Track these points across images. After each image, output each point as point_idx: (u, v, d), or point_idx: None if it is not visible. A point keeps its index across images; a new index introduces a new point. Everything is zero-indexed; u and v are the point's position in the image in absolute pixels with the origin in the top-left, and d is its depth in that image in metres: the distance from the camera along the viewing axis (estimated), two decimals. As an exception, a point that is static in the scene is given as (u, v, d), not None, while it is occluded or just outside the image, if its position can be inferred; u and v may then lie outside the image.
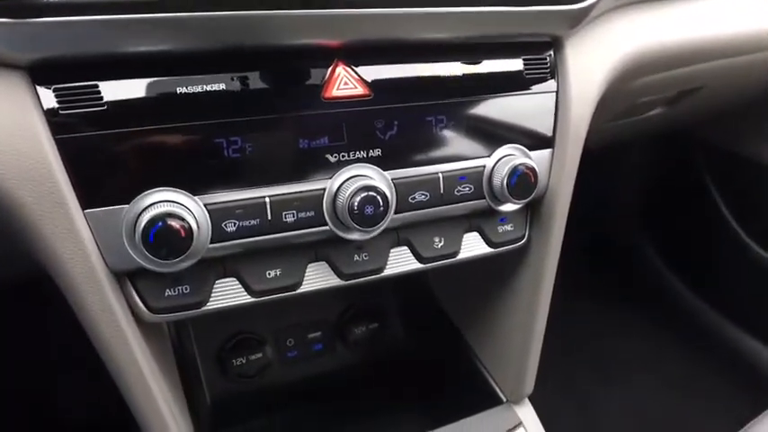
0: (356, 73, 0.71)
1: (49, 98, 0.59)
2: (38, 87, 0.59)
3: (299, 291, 0.75)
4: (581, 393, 1.82)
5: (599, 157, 0.89)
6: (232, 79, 0.65)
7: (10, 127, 0.58)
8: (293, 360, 1.13)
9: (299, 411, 1.10)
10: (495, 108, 0.81)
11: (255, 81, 0.67)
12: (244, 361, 1.07)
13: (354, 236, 0.73)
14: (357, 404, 1.11)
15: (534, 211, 0.90)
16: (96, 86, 0.61)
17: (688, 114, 1.53)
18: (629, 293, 2.16)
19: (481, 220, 0.85)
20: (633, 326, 2.06)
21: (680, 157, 2.00)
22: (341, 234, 0.72)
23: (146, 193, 0.63)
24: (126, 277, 0.68)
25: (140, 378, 0.69)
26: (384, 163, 0.73)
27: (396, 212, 0.74)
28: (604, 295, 2.14)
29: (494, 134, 0.81)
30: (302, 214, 0.70)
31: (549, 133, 0.85)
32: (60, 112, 0.60)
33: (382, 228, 0.72)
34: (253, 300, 0.73)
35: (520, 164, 0.78)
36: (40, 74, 0.59)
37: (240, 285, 0.73)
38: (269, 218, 0.68)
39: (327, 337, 1.15)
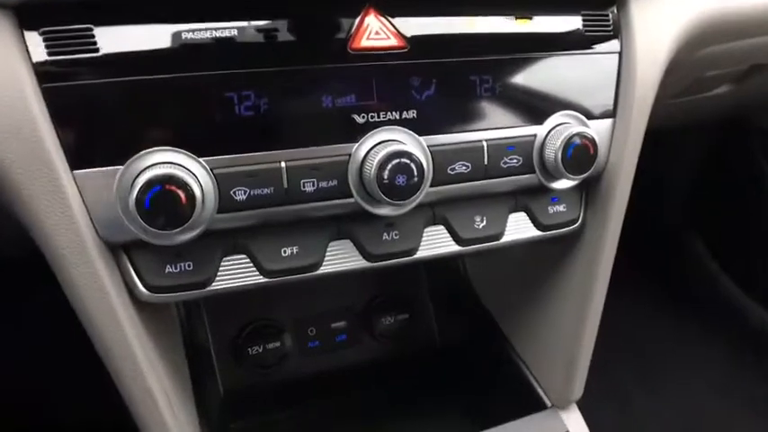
0: (390, 22, 0.62)
1: (36, 43, 0.53)
2: (25, 31, 0.53)
3: (318, 272, 0.66)
4: (624, 397, 1.70)
5: (647, 139, 0.78)
6: (246, 25, 0.57)
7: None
8: (314, 351, 1.04)
9: (319, 407, 1.01)
10: (549, 69, 0.70)
11: (272, 27, 0.58)
12: (260, 350, 0.98)
13: (384, 210, 0.63)
14: (383, 402, 1.02)
15: (591, 190, 0.79)
16: (90, 30, 0.54)
17: (755, 95, 1.39)
18: (675, 291, 2.03)
19: (530, 198, 0.74)
20: (679, 326, 1.93)
21: (734, 144, 1.85)
22: (368, 208, 0.63)
23: (144, 152, 0.56)
24: (122, 250, 0.60)
25: (134, 365, 0.61)
26: (420, 127, 0.64)
27: (432, 185, 0.65)
28: (649, 292, 2.01)
29: (547, 99, 0.70)
30: (323, 183, 0.61)
31: (611, 100, 0.75)
32: (49, 58, 0.53)
33: (416, 202, 0.63)
34: (265, 280, 0.64)
35: (576, 133, 0.68)
36: (27, 15, 0.53)
37: (251, 263, 0.64)
38: (285, 186, 0.60)
39: (352, 327, 1.06)
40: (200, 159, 0.57)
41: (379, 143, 0.61)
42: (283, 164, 0.59)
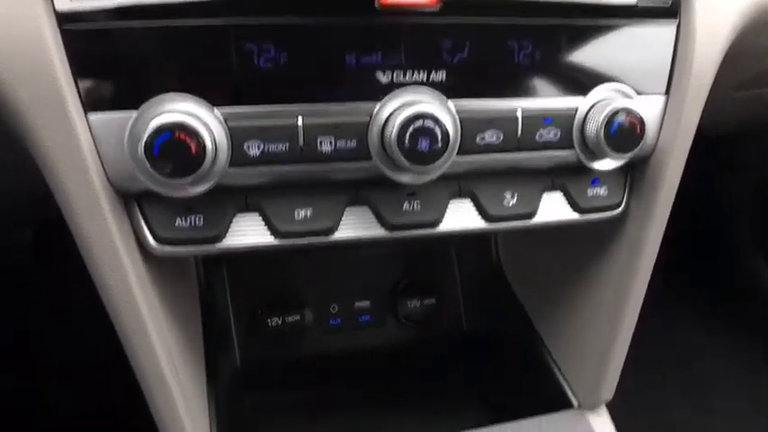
0: None
1: None
2: None
3: (332, 237, 0.63)
4: (664, 413, 1.61)
5: (707, 146, 0.71)
6: None
7: (11, 16, 0.51)
8: (335, 329, 1.01)
9: (336, 387, 0.98)
10: (597, 37, 0.65)
11: None
12: (279, 322, 0.96)
13: (405, 178, 0.60)
14: (403, 387, 0.98)
15: (636, 173, 0.73)
16: None
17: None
18: (729, 303, 1.90)
19: (567, 177, 0.69)
20: (732, 345, 1.81)
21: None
22: (388, 174, 0.59)
23: (158, 98, 0.54)
24: (133, 201, 0.59)
25: (137, 317, 0.60)
26: (448, 90, 0.60)
27: (459, 154, 0.60)
28: (699, 302, 1.89)
29: (593, 70, 0.65)
30: (341, 143, 0.58)
31: (664, 77, 0.68)
32: (69, 1, 0.52)
33: (439, 171, 0.59)
34: (277, 242, 0.62)
35: (622, 108, 0.62)
36: None
37: (264, 223, 0.61)
38: (301, 143, 0.57)
39: (377, 307, 1.02)
40: (215, 109, 0.55)
41: (404, 104, 0.57)
42: (300, 120, 0.56)
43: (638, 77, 0.67)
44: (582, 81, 0.64)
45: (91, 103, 0.54)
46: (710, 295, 1.93)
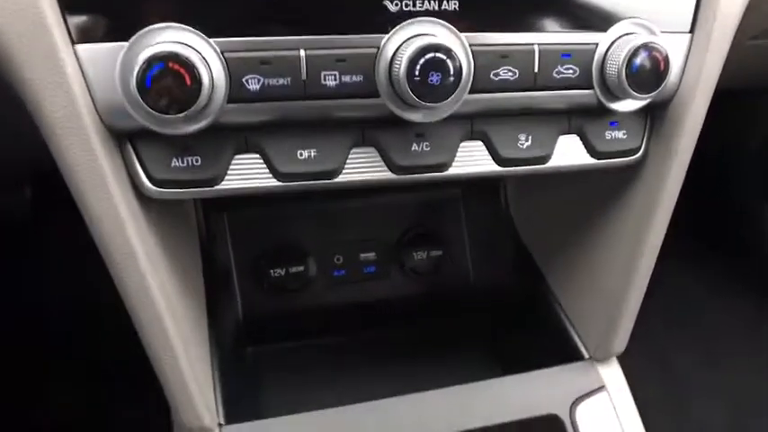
0: None
1: None
2: None
3: (337, 179, 0.60)
4: (671, 365, 1.61)
5: (722, 103, 0.67)
6: None
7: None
8: (339, 280, 0.98)
9: (340, 340, 0.96)
10: (620, -32, 0.60)
11: None
12: (282, 273, 0.94)
13: (414, 116, 0.56)
14: (407, 340, 0.97)
15: (656, 117, 0.69)
16: None
17: None
18: (740, 263, 1.88)
19: (585, 120, 0.65)
20: (742, 301, 1.79)
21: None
22: (396, 111, 0.56)
23: (150, 28, 0.50)
24: (127, 140, 0.56)
25: (134, 263, 0.57)
26: (461, 21, 0.55)
27: (471, 92, 0.56)
28: (711, 262, 1.87)
29: (613, 3, 0.61)
30: (347, 78, 0.54)
31: (690, 11, 0.64)
32: None
33: (451, 110, 0.56)
34: (278, 184, 0.59)
35: (645, 44, 0.58)
36: None
37: (264, 165, 0.58)
38: (304, 77, 0.53)
39: (382, 259, 1.00)
40: (211, 40, 0.51)
41: (413, 36, 0.54)
42: (303, 52, 0.53)
43: (661, 13, 0.62)
44: (603, 15, 0.60)
45: (79, 35, 0.50)
46: (717, 248, 1.92)
